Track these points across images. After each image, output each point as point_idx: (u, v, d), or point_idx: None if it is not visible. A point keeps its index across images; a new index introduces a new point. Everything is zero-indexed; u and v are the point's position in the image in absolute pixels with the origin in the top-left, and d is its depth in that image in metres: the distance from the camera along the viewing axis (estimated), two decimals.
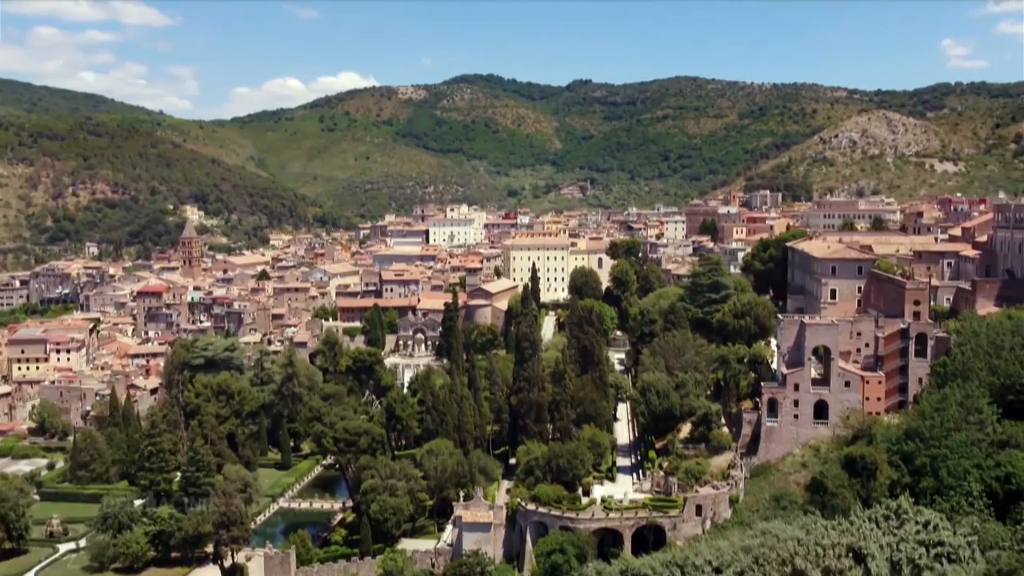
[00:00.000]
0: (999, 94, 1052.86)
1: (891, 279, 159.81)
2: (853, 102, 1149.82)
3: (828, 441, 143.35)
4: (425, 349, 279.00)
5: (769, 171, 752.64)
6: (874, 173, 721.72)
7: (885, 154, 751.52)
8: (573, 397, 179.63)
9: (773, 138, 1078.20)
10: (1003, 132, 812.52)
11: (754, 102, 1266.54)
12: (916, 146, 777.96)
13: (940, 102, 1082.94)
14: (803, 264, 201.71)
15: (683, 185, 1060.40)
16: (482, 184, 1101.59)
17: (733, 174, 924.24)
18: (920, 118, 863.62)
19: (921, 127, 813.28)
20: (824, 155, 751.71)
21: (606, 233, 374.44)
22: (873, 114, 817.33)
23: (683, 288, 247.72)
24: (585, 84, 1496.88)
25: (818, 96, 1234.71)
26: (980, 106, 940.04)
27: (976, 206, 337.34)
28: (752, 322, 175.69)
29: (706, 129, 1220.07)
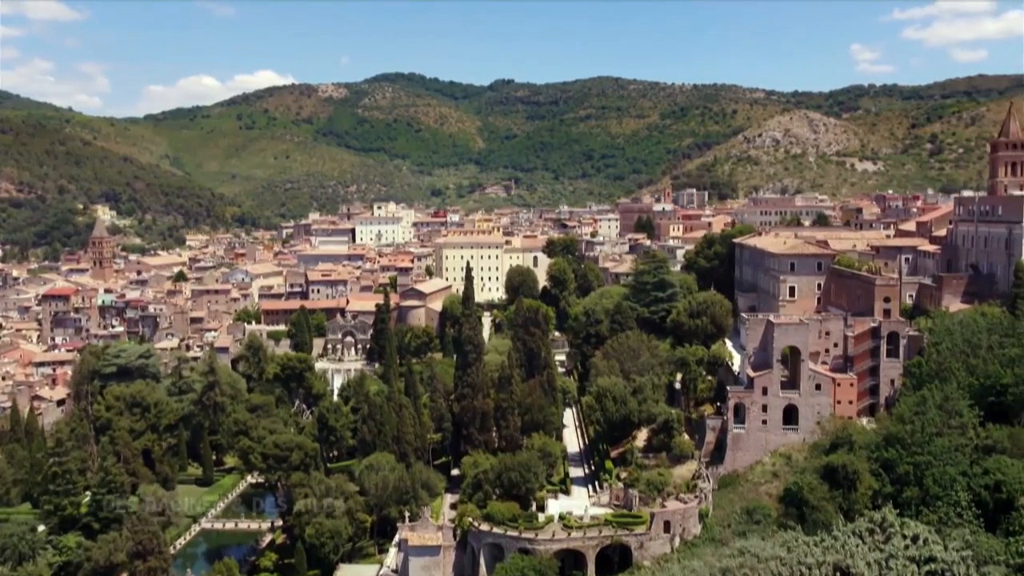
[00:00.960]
0: (910, 96, 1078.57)
1: (857, 275, 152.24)
2: (771, 103, 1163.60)
3: (799, 448, 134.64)
4: (355, 353, 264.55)
5: (695, 170, 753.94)
6: (797, 172, 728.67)
7: (807, 153, 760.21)
8: (520, 403, 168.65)
9: (695, 138, 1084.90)
10: (919, 132, 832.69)
11: (675, 103, 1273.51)
12: (837, 145, 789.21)
13: (855, 103, 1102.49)
14: (756, 260, 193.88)
15: (607, 184, 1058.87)
16: (405, 183, 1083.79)
17: (658, 173, 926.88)
18: (838, 119, 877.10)
19: (841, 127, 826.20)
20: (748, 154, 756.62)
21: (540, 231, 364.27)
22: (795, 114, 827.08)
23: (626, 287, 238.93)
24: (507, 84, 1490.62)
25: (737, 97, 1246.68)
26: (894, 107, 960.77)
27: (911, 202, 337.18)
28: (708, 321, 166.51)
29: (628, 129, 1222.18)
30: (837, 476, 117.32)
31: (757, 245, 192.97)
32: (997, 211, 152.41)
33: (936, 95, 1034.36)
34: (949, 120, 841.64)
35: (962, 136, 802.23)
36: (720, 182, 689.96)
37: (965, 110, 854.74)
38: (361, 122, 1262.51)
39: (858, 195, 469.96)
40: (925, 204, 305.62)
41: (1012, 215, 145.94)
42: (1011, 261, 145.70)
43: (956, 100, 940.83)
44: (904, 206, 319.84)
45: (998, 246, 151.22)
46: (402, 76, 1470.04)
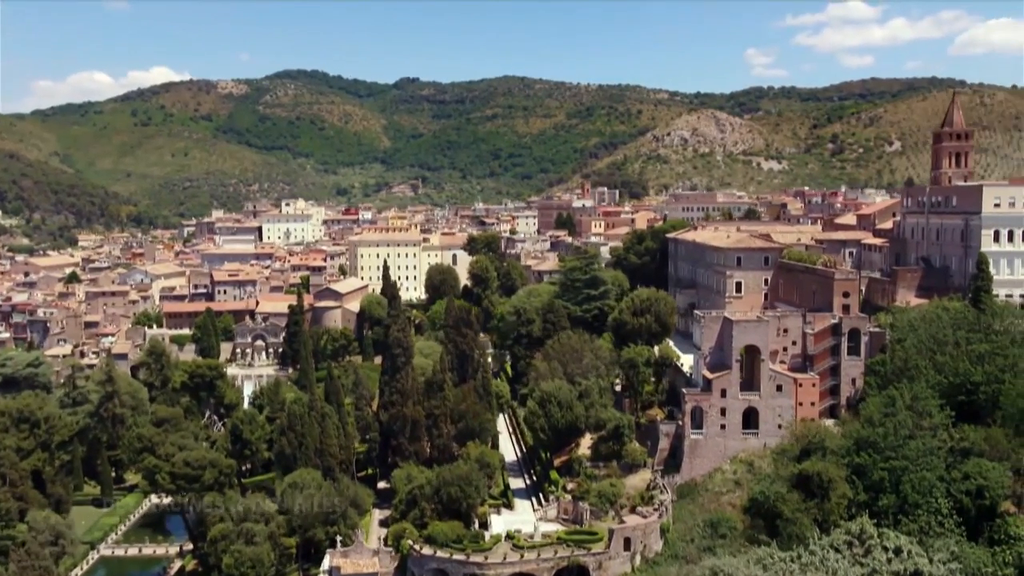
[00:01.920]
0: (808, 98, 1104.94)
1: (812, 270, 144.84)
2: (675, 103, 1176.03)
3: (760, 454, 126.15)
4: (267, 357, 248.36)
5: (605, 168, 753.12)
6: (706, 170, 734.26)
7: (715, 152, 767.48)
8: (453, 410, 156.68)
9: (601, 137, 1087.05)
10: (820, 132, 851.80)
11: (581, 102, 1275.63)
12: (743, 145, 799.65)
13: (755, 105, 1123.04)
14: (695, 256, 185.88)
15: (515, 183, 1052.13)
16: (309, 182, 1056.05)
17: (567, 171, 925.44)
18: (743, 119, 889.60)
19: (746, 127, 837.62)
20: (658, 153, 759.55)
21: (458, 228, 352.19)
22: (702, 113, 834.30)
23: (554, 284, 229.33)
24: (413, 82, 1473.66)
25: (642, 97, 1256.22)
26: (794, 108, 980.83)
27: (831, 198, 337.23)
28: (653, 320, 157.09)
29: (535, 128, 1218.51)
30: (811, 485, 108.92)
31: (697, 239, 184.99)
32: (951, 202, 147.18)
33: (833, 97, 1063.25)
34: (849, 121, 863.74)
35: (861, 136, 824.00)
36: (631, 180, 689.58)
37: (863, 111, 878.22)
38: (263, 119, 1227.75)
39: (776, 191, 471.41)
40: (846, 200, 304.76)
41: (969, 206, 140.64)
42: (968, 253, 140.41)
43: (854, 102, 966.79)
44: (825, 201, 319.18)
45: (952, 238, 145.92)
46: (304, 73, 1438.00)
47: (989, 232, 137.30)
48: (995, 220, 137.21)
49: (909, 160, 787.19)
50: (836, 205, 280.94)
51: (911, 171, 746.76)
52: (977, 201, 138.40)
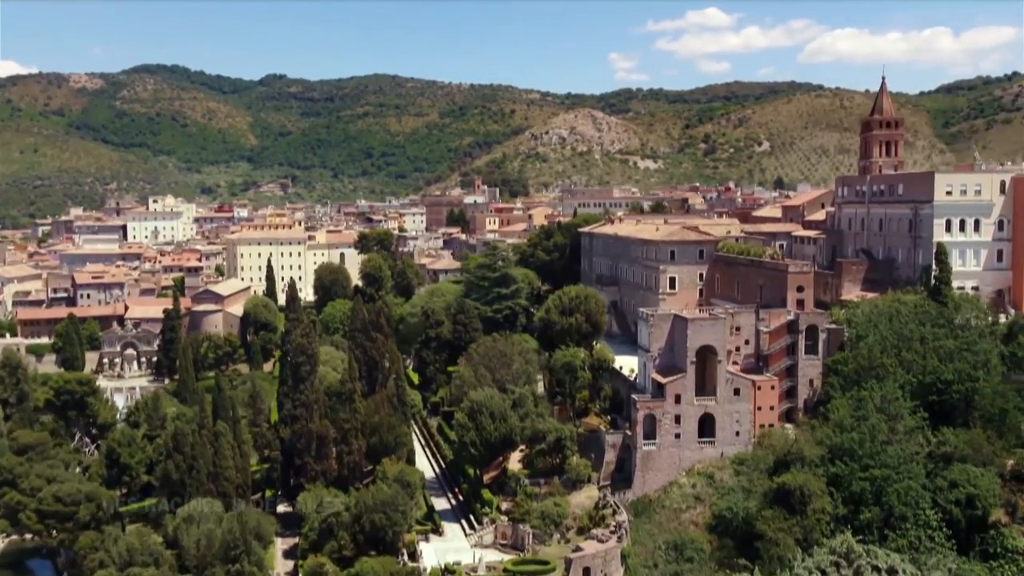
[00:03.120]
0: (675, 100, 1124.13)
1: (759, 263, 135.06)
2: (547, 104, 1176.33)
3: (719, 465, 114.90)
4: (139, 368, 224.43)
5: (484, 166, 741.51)
6: (584, 169, 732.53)
7: (593, 151, 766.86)
8: (364, 423, 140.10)
9: (475, 137, 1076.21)
10: (692, 133, 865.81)
11: (454, 101, 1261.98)
12: (619, 144, 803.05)
13: (625, 106, 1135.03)
14: (616, 250, 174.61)
15: (389, 183, 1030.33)
16: (172, 181, 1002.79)
17: (443, 169, 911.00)
18: (618, 118, 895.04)
19: (622, 126, 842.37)
20: (537, 151, 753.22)
21: (344, 226, 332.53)
22: (580, 112, 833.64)
23: (460, 283, 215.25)
24: (279, 79, 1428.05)
25: (515, 97, 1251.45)
26: (665, 110, 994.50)
27: (726, 193, 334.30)
28: (583, 319, 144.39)
29: (408, 127, 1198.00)
30: (792, 500, 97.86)
31: (620, 233, 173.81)
32: (896, 191, 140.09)
33: (699, 99, 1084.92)
34: (719, 121, 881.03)
35: (732, 137, 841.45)
36: (511, 178, 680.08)
37: (732, 112, 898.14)
38: (120, 115, 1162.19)
39: (668, 187, 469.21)
40: (745, 194, 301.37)
41: (919, 194, 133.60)
42: (918, 244, 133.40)
43: (722, 103, 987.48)
44: (719, 196, 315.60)
45: (899, 228, 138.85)
46: (164, 68, 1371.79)
47: (941, 222, 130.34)
48: (947, 209, 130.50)
49: (778, 160, 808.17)
50: (737, 199, 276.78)
51: (780, 170, 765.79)
52: (928, 189, 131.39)
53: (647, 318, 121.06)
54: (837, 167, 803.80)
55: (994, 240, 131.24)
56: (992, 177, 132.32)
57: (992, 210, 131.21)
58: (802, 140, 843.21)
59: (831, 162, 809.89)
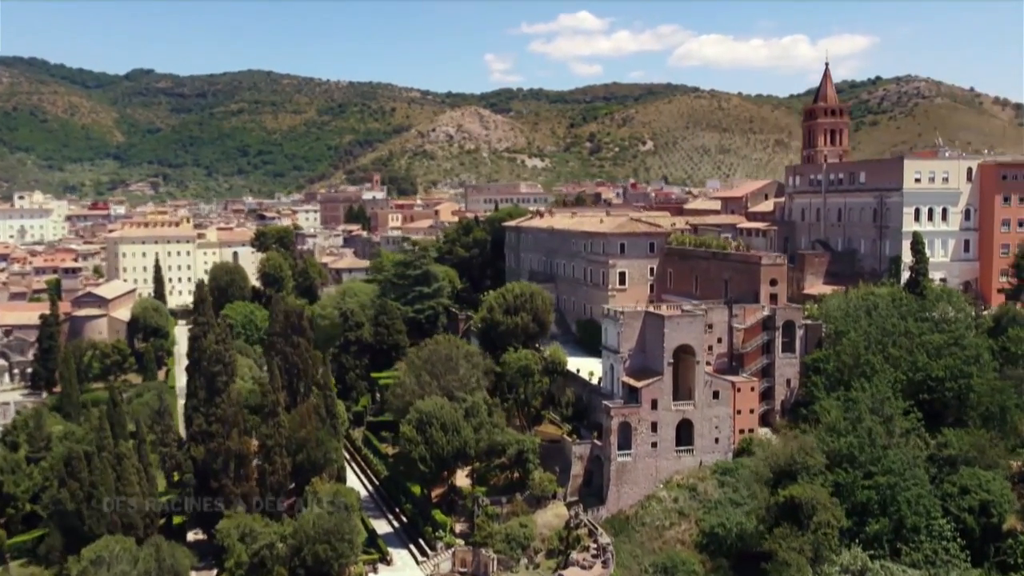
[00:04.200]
0: (556, 100, 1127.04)
1: (724, 255, 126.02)
2: (428, 103, 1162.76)
3: (699, 475, 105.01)
4: (11, 380, 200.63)
5: (370, 164, 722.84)
6: (473, 167, 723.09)
7: (481, 149, 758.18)
8: (289, 439, 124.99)
9: (356, 135, 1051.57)
10: (577, 132, 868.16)
11: (332, 99, 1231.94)
12: (506, 142, 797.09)
13: (506, 106, 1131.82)
14: (552, 245, 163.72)
15: (267, 181, 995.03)
16: (32, 179, 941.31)
17: (324, 168, 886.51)
18: (504, 116, 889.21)
19: (508, 124, 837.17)
20: (424, 149, 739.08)
21: (235, 224, 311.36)
22: (466, 110, 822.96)
23: (373, 281, 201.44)
24: (147, 74, 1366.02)
25: (395, 95, 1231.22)
26: (549, 110, 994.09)
27: (633, 189, 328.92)
28: (530, 319, 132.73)
29: (285, 125, 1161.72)
30: (800, 515, 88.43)
31: (557, 226, 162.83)
32: (858, 179, 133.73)
33: (579, 100, 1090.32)
34: (603, 121, 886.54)
35: (616, 136, 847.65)
36: (398, 176, 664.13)
37: (615, 112, 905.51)
38: None
39: (570, 184, 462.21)
40: (655, 189, 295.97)
41: (885, 181, 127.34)
42: (885, 234, 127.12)
43: (604, 103, 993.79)
44: (628, 191, 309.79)
45: (861, 218, 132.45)
46: (21, 60, 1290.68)
47: (910, 210, 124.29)
48: (916, 197, 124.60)
49: (662, 159, 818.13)
50: (651, 195, 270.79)
51: (664, 169, 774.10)
52: (896, 176, 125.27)
53: (616, 316, 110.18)
54: (719, 166, 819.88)
55: (961, 230, 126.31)
56: (959, 164, 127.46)
57: (959, 198, 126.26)
58: (684, 140, 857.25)
59: (712, 161, 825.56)
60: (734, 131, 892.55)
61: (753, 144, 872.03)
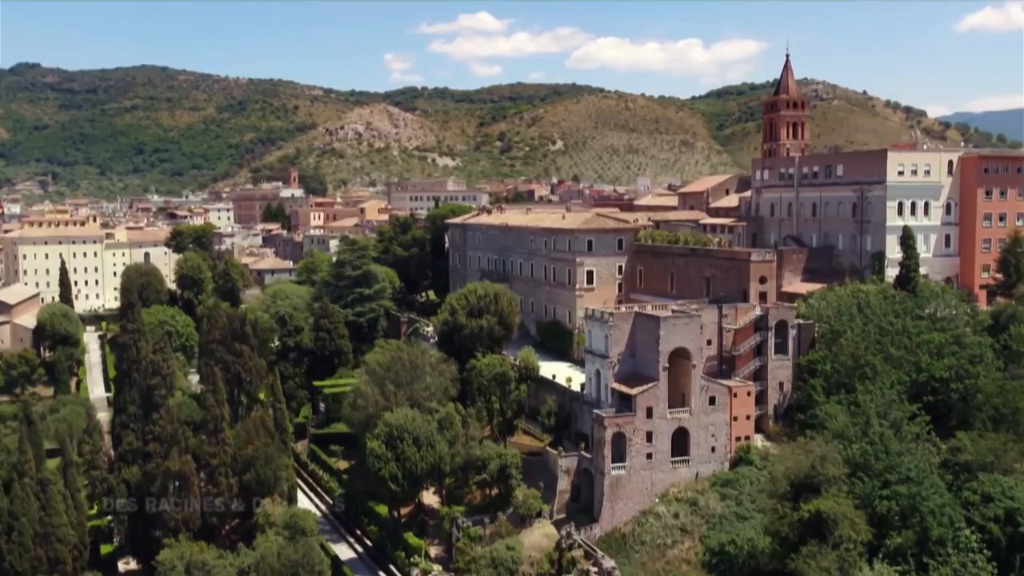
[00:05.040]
0: (461, 99, 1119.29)
1: (703, 252, 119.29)
2: (331, 101, 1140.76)
3: (699, 488, 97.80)
4: None
5: (276, 162, 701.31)
6: (383, 165, 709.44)
7: (391, 147, 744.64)
8: (235, 457, 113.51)
9: (257, 133, 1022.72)
10: (487, 131, 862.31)
11: (232, 96, 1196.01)
12: (416, 141, 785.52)
13: (412, 104, 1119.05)
14: (506, 242, 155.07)
15: (164, 180, 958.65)
16: None
17: (225, 166, 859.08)
18: (413, 114, 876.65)
19: (418, 123, 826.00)
20: (333, 147, 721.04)
21: (144, 223, 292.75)
22: (375, 108, 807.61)
23: (304, 283, 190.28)
24: (33, 68, 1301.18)
25: (297, 93, 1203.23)
26: (456, 109, 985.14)
27: (560, 186, 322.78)
28: (496, 321, 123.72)
29: (183, 122, 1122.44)
30: (826, 530, 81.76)
31: (512, 223, 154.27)
32: (835, 172, 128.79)
33: (485, 99, 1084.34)
34: (513, 120, 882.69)
35: (526, 135, 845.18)
36: (306, 175, 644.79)
37: (524, 112, 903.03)
38: None
39: (494, 181, 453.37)
40: (586, 186, 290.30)
41: (866, 174, 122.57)
42: (866, 229, 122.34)
43: (513, 103, 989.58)
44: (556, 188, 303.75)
45: (839, 213, 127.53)
46: None
47: (894, 204, 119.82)
48: (899, 191, 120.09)
49: (572, 158, 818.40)
50: (585, 191, 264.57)
51: (575, 168, 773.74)
52: (878, 169, 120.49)
53: (604, 318, 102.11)
54: (628, 166, 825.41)
55: (943, 224, 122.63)
56: (941, 156, 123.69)
57: (941, 192, 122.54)
58: (593, 140, 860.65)
59: (622, 161, 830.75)
60: (641, 131, 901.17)
61: (660, 144, 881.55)
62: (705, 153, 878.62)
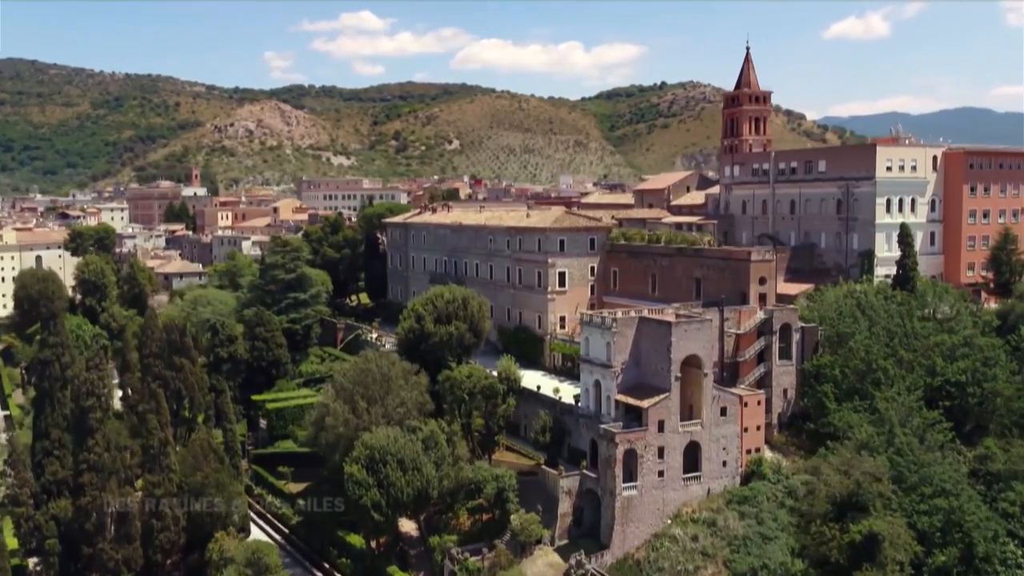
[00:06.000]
0: (350, 98, 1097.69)
1: (692, 252, 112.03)
2: (214, 98, 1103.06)
3: (713, 506, 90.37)
4: None
5: (162, 160, 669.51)
6: (277, 164, 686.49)
7: (283, 145, 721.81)
8: (182, 486, 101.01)
9: (136, 130, 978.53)
10: (381, 130, 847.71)
11: (108, 92, 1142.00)
12: (310, 139, 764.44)
13: (299, 103, 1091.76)
14: (462, 243, 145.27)
15: (36, 179, 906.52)
16: None
17: (103, 163, 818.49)
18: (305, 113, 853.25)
19: (311, 121, 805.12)
20: (223, 145, 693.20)
21: (34, 223, 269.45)
22: (266, 104, 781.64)
23: (226, 287, 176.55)
24: None
25: (178, 89, 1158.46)
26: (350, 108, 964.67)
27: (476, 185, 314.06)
28: (466, 328, 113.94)
29: (55, 118, 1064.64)
30: (877, 552, 75.34)
31: (467, 222, 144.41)
32: (816, 167, 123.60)
33: (374, 98, 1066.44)
34: (407, 119, 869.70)
35: (422, 134, 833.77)
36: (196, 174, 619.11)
37: (419, 111, 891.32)
38: None
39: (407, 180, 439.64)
40: (508, 185, 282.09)
41: (853, 170, 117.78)
42: (852, 227, 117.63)
43: (404, 102, 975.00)
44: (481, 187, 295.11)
45: (822, 210, 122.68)
46: None
47: (883, 201, 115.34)
48: (890, 187, 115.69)
49: (469, 158, 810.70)
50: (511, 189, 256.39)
51: (472, 168, 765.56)
52: (866, 165, 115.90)
53: (606, 324, 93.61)
54: (525, 166, 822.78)
55: (928, 222, 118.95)
56: (926, 151, 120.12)
57: (926, 188, 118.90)
58: (489, 139, 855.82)
59: (519, 161, 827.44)
60: (536, 132, 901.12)
61: (555, 144, 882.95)
62: (599, 154, 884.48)
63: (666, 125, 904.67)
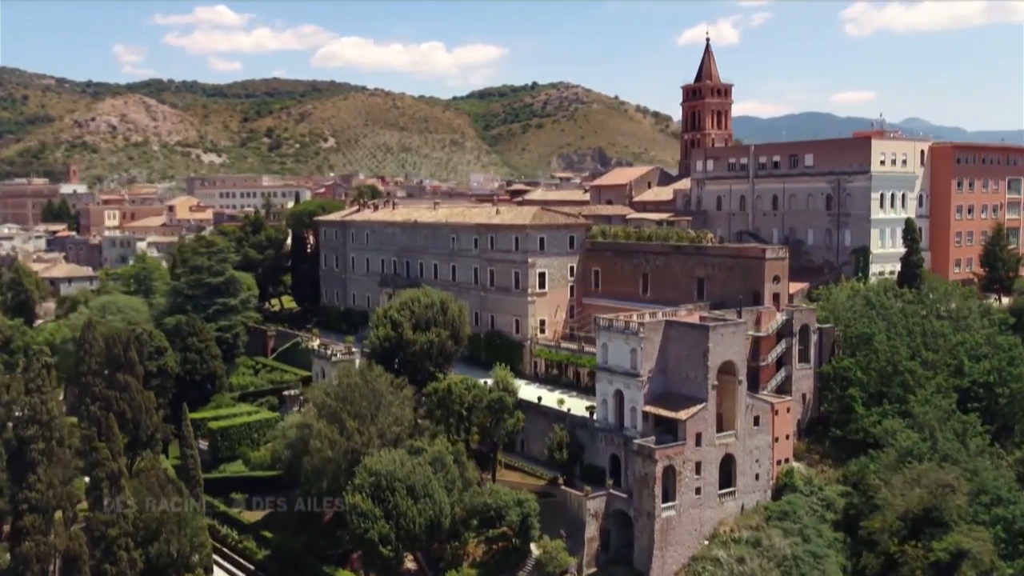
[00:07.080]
0: (213, 93, 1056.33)
1: (694, 249, 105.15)
2: (65, 91, 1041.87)
3: (751, 523, 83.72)
4: None
5: (16, 157, 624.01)
6: (144, 161, 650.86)
7: (150, 142, 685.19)
8: (137, 524, 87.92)
9: None
10: (253, 127, 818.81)
11: None
12: (177, 135, 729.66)
13: (160, 98, 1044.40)
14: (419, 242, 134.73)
15: None
16: None
17: None
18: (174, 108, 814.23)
19: (178, 116, 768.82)
20: (84, 140, 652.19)
21: None
22: (130, 98, 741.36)
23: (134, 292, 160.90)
24: None
25: (26, 82, 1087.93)
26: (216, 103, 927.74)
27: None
28: (448, 335, 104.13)
29: None
30: (954, 568, 70.01)
31: (424, 219, 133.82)
32: (802, 161, 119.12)
33: (239, 94, 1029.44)
34: (280, 116, 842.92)
35: (296, 132, 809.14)
36: (55, 171, 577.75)
37: (291, 107, 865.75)
38: None
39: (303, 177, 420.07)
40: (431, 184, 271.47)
41: (844, 164, 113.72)
42: (844, 223, 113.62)
43: (274, 98, 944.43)
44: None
45: (811, 206, 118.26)
46: None
47: (877, 196, 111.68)
48: (885, 182, 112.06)
49: (345, 156, 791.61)
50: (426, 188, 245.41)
51: (349, 166, 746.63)
52: (860, 158, 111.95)
53: (632, 329, 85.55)
54: (402, 164, 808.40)
55: (916, 217, 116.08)
56: (915, 145, 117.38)
57: (915, 183, 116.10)
58: (365, 137, 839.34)
59: (396, 159, 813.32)
60: (411, 130, 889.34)
61: (432, 143, 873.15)
62: (475, 153, 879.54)
63: (540, 125, 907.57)
